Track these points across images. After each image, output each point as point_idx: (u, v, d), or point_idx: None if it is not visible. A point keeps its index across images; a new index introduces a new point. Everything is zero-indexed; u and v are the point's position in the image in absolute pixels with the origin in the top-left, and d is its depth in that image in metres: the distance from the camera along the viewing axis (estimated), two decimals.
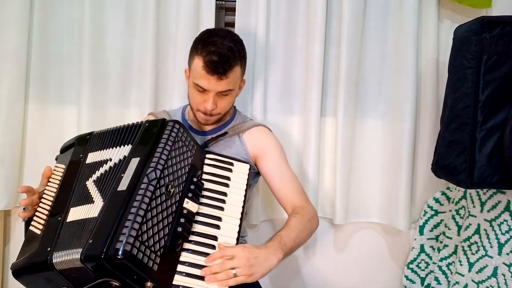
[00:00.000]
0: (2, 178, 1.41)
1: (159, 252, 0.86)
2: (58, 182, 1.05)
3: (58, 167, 1.10)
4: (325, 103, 1.53)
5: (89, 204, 0.93)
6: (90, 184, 0.98)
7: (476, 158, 1.21)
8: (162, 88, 1.49)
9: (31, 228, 0.99)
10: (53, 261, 0.84)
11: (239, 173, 1.12)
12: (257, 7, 1.46)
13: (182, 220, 0.94)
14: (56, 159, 1.15)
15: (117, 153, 1.02)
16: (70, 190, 1.00)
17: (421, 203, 1.59)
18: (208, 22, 1.45)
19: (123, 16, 1.46)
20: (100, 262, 0.79)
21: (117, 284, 0.83)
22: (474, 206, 1.42)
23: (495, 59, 1.19)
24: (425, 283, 1.60)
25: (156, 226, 0.88)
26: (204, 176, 1.08)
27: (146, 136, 1.02)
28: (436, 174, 1.39)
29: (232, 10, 1.51)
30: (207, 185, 1.06)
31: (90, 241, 0.82)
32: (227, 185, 1.08)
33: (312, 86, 1.48)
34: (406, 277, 1.61)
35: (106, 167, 1.00)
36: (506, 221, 1.33)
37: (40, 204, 1.02)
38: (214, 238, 0.97)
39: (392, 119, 1.53)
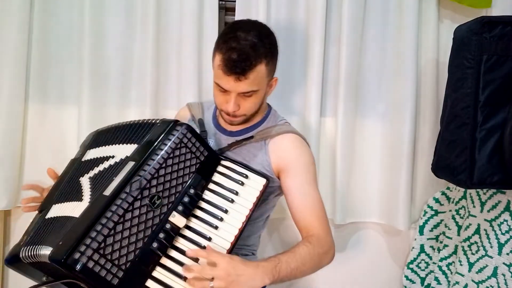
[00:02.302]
0: (2, 178, 1.41)
1: (124, 266, 0.84)
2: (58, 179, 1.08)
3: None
4: (325, 103, 1.53)
5: (77, 202, 0.92)
6: (84, 181, 0.97)
7: (476, 158, 1.21)
8: (162, 88, 1.49)
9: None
10: (21, 255, 0.88)
11: (251, 188, 1.02)
12: (257, 7, 1.46)
13: (161, 235, 0.90)
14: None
15: (121, 151, 0.99)
16: (58, 187, 1.01)
17: (421, 203, 1.59)
18: (212, 22, 1.45)
19: (123, 16, 1.46)
20: (62, 266, 0.80)
21: (84, 286, 0.83)
22: (474, 206, 1.42)
23: (495, 59, 1.19)
24: (425, 283, 1.60)
25: (127, 239, 0.85)
26: (211, 186, 1.01)
27: (151, 137, 0.98)
28: (436, 174, 1.39)
29: (232, 10, 1.50)
30: (209, 197, 0.99)
31: (60, 243, 0.82)
32: (231, 201, 0.99)
33: (312, 86, 1.48)
34: (406, 277, 1.61)
35: (106, 164, 0.98)
36: (506, 221, 1.33)
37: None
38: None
39: (392, 119, 1.53)
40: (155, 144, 0.95)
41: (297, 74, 1.52)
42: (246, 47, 0.98)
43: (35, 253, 0.86)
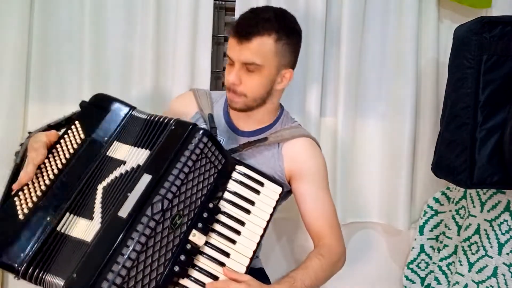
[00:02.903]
0: (2, 178, 1.41)
1: None
2: (67, 157, 0.87)
3: (77, 129, 0.91)
4: (325, 103, 1.53)
5: (88, 220, 0.81)
6: (99, 191, 0.84)
7: (476, 158, 1.21)
8: (162, 88, 1.49)
9: (15, 199, 0.83)
10: (25, 271, 0.77)
11: (267, 198, 0.97)
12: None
13: (182, 257, 0.82)
14: (80, 106, 0.95)
15: (133, 157, 0.87)
16: (73, 186, 0.85)
17: (421, 203, 1.59)
18: (206, 21, 1.45)
19: (123, 16, 1.46)
20: None
21: None
22: (474, 206, 1.42)
23: (495, 59, 1.19)
24: (425, 283, 1.60)
25: (149, 267, 0.77)
26: (226, 195, 0.93)
27: (167, 144, 0.87)
28: (436, 174, 1.39)
29: (232, 10, 1.50)
30: (226, 208, 0.92)
31: (74, 275, 0.73)
32: (248, 212, 0.93)
33: (312, 86, 1.48)
34: (406, 277, 1.61)
35: (117, 172, 0.86)
36: (506, 221, 1.33)
37: (37, 176, 0.85)
38: (215, 277, 0.86)
39: (392, 119, 1.53)
40: (172, 154, 0.85)
41: (297, 74, 1.52)
42: (259, 17, 0.97)
43: (42, 276, 0.77)
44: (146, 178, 0.82)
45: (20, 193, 0.84)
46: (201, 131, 0.88)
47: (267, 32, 0.97)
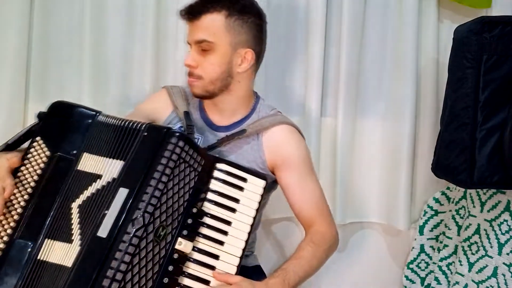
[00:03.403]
0: None
1: None
2: (35, 179, 0.81)
3: (40, 147, 0.84)
4: (325, 103, 1.53)
5: (67, 244, 0.77)
6: (75, 210, 0.79)
7: (476, 158, 1.21)
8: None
9: None
10: None
11: (252, 193, 0.93)
12: None
13: (170, 268, 0.79)
14: (38, 117, 0.88)
15: (108, 169, 0.82)
16: (48, 209, 0.79)
17: (421, 203, 1.59)
18: None
19: (123, 16, 1.45)
20: None
21: None
22: (474, 206, 1.42)
23: (495, 59, 1.19)
24: (425, 283, 1.60)
25: (137, 284, 0.74)
26: (209, 195, 0.89)
27: (141, 153, 0.82)
28: (436, 174, 1.39)
29: None
30: (210, 209, 0.88)
31: None
32: (233, 210, 0.90)
33: (312, 86, 1.48)
34: (406, 277, 1.61)
35: (92, 188, 0.80)
36: (506, 221, 1.33)
37: (7, 206, 0.80)
38: (206, 282, 0.83)
39: (392, 119, 1.53)
40: (148, 163, 0.79)
41: (297, 74, 1.52)
42: None
43: None
44: (123, 193, 0.77)
45: None
46: (176, 135, 0.83)
47: (216, 9, 0.97)
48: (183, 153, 0.83)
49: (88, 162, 0.83)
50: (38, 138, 0.85)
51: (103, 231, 0.74)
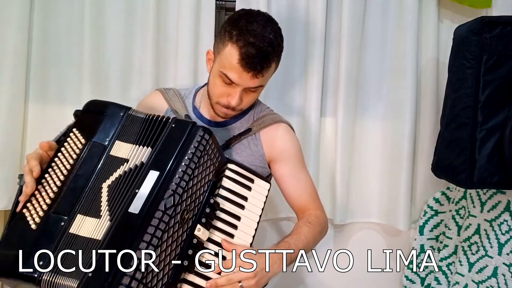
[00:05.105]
0: (2, 178, 1.41)
1: None
2: (70, 162, 0.87)
3: (76, 136, 0.91)
4: (325, 103, 1.53)
5: (96, 219, 0.81)
6: (104, 190, 0.85)
7: (476, 158, 1.21)
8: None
9: (25, 213, 0.82)
10: (42, 278, 0.75)
11: (258, 194, 1.00)
12: (257, 7, 1.45)
13: (190, 251, 0.84)
14: (75, 116, 0.95)
15: (135, 155, 0.89)
16: (81, 188, 0.84)
17: (421, 203, 1.59)
18: (208, 22, 1.45)
19: (123, 16, 1.46)
20: None
21: None
22: (474, 206, 1.42)
23: (495, 59, 1.19)
24: (425, 283, 1.60)
25: (162, 262, 0.79)
26: (221, 192, 0.96)
27: (169, 142, 0.89)
28: (436, 174, 1.39)
29: (232, 10, 1.51)
30: (223, 204, 0.95)
31: (90, 275, 0.74)
32: (242, 207, 0.97)
33: (312, 86, 1.48)
34: (406, 277, 1.61)
35: (121, 170, 0.86)
36: (506, 221, 1.33)
37: (43, 185, 0.85)
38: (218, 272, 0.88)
39: (392, 119, 1.53)
40: (176, 150, 0.87)
41: (297, 74, 1.52)
42: (265, 44, 0.97)
43: (53, 280, 0.75)
44: (153, 175, 0.84)
45: (28, 204, 0.84)
46: (203, 129, 0.92)
47: (275, 59, 1.02)
48: (207, 146, 0.91)
49: (120, 148, 0.90)
50: (74, 130, 0.92)
51: (134, 208, 0.80)
